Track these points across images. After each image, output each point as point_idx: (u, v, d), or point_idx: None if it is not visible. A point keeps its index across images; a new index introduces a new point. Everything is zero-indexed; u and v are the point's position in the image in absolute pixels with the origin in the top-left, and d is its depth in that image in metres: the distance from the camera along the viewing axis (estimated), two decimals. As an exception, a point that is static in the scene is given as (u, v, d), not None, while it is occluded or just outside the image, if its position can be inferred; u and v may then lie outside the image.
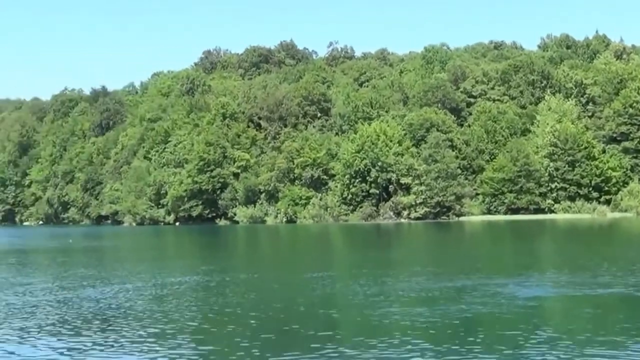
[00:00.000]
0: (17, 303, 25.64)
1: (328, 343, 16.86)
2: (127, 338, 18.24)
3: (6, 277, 36.76)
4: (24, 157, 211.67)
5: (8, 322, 21.33)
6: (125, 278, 34.00)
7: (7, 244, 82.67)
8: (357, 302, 23.87)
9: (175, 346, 17.11)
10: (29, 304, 25.38)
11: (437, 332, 18.01)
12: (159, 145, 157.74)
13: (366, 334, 18.18)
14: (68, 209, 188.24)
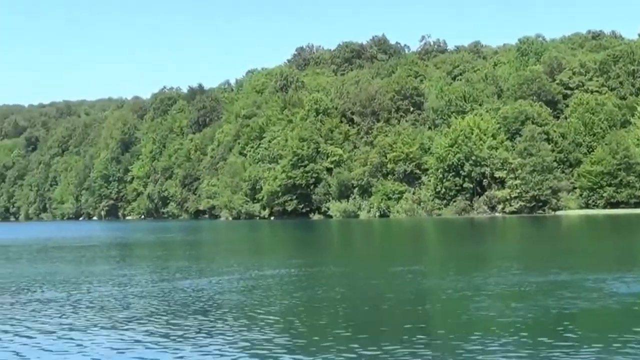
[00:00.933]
0: (117, 294, 26.38)
1: (419, 336, 16.72)
2: (219, 328, 18.50)
3: (108, 269, 37.97)
4: (126, 154, 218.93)
5: (106, 312, 21.97)
6: (221, 270, 34.60)
7: (110, 237, 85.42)
8: (449, 296, 23.63)
9: (266, 337, 17.22)
10: (128, 294, 26.12)
11: (530, 327, 17.54)
12: (253, 141, 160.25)
13: (458, 328, 17.99)
14: (167, 203, 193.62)
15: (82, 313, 21.95)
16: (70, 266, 40.70)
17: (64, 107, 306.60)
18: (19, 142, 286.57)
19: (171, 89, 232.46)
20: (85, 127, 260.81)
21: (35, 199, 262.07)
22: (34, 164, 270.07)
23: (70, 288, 28.70)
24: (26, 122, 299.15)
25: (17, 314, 22.07)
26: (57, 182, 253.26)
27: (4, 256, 52.70)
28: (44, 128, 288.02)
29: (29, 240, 79.34)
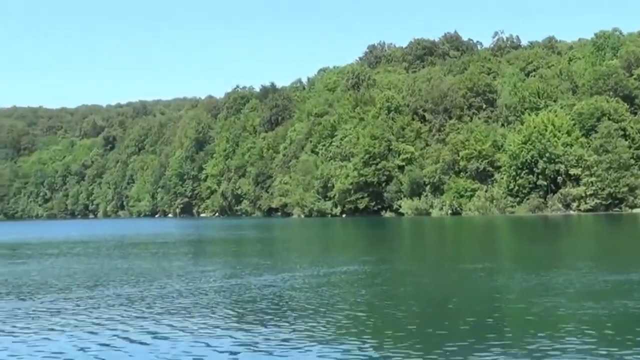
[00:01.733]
0: (189, 289, 26.78)
1: (490, 334, 16.54)
2: (287, 324, 18.61)
3: (181, 265, 38.72)
4: (200, 153, 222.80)
5: (178, 306, 22.24)
6: (291, 267, 34.92)
7: (184, 234, 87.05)
8: (521, 294, 23.34)
9: (334, 333, 17.26)
10: (200, 289, 26.48)
11: (605, 328, 17.03)
12: (325, 140, 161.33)
13: (530, 326, 17.68)
14: (241, 201, 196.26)
15: (155, 307, 22.36)
16: (145, 262, 41.78)
17: (140, 107, 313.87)
18: (97, 142, 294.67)
19: (244, 88, 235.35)
20: (160, 126, 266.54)
21: (112, 197, 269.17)
22: (111, 162, 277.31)
23: (144, 283, 29.44)
24: (104, 121, 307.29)
25: (91, 309, 22.58)
26: (134, 181, 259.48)
27: (83, 252, 54.14)
28: (121, 127, 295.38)
29: (107, 237, 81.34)
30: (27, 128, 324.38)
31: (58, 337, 17.93)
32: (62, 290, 28.02)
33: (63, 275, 34.28)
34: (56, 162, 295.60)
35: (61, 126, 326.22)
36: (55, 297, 25.59)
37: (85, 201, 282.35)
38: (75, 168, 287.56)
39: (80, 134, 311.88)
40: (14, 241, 78.12)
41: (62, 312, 21.96)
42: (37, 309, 22.73)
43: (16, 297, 26.21)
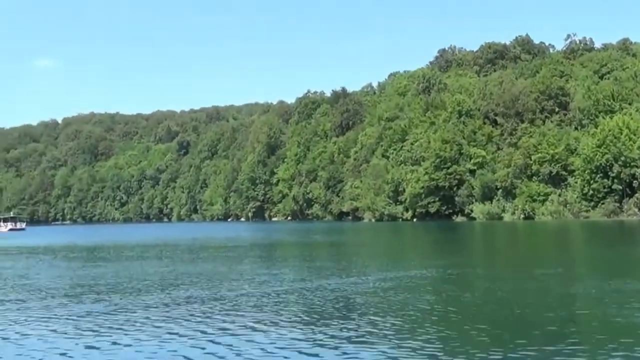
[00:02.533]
0: (258, 292, 26.90)
1: (561, 343, 16.03)
2: (357, 327, 18.48)
3: (252, 268, 38.89)
4: (272, 157, 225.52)
5: (248, 309, 22.32)
6: (361, 271, 34.74)
7: (256, 238, 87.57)
8: (595, 301, 22.67)
9: (403, 338, 17.02)
10: (268, 292, 26.55)
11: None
12: (396, 144, 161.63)
13: (609, 333, 17.14)
14: (312, 205, 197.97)
15: (223, 309, 22.55)
16: (216, 265, 42.21)
17: (214, 112, 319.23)
18: (171, 147, 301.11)
19: (315, 93, 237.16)
20: (233, 131, 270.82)
21: (186, 201, 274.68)
22: (185, 167, 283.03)
23: (215, 286, 29.65)
24: (178, 127, 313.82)
25: (161, 310, 22.91)
26: (207, 185, 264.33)
27: (157, 255, 55.19)
28: (194, 133, 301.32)
29: (180, 240, 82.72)
30: (105, 134, 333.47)
31: (128, 338, 18.23)
32: (135, 292, 28.61)
33: (137, 277, 35.04)
34: (132, 166, 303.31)
35: (137, 131, 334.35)
36: (128, 299, 26.15)
37: (159, 205, 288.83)
38: (150, 173, 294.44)
39: (155, 139, 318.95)
40: (92, 244, 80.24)
41: (133, 313, 22.32)
42: (110, 310, 23.17)
43: (92, 298, 26.86)
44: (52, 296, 27.79)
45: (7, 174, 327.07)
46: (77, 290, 30.04)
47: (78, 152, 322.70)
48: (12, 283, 33.83)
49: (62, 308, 24.10)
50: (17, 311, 23.71)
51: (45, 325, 20.49)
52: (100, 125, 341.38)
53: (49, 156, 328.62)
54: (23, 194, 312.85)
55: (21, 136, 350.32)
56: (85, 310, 23.44)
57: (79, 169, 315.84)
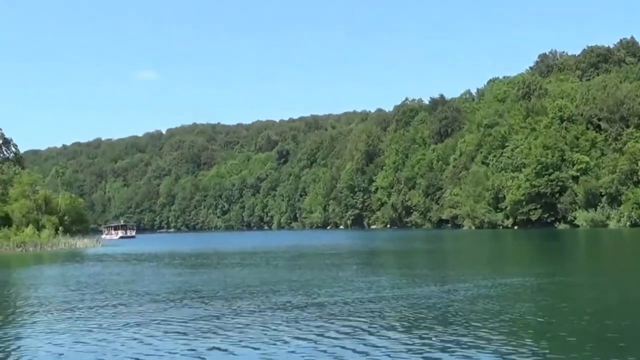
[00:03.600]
0: (355, 299, 27.08)
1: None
2: (456, 335, 18.46)
3: (350, 275, 39.12)
4: (370, 165, 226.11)
5: (344, 315, 22.48)
6: (460, 278, 34.47)
7: (354, 245, 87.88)
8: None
9: (498, 347, 16.89)
10: (365, 299, 26.64)
11: None
12: (496, 150, 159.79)
13: None
14: (411, 213, 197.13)
15: (320, 316, 22.80)
16: (315, 272, 42.84)
17: (312, 121, 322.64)
18: (271, 155, 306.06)
19: (413, 101, 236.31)
20: (331, 139, 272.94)
21: (286, 209, 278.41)
22: (285, 175, 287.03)
23: (311, 292, 30.06)
24: (278, 136, 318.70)
25: (258, 316, 23.39)
26: (306, 193, 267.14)
27: (257, 262, 56.32)
28: (294, 141, 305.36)
29: (280, 248, 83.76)
30: (207, 143, 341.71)
31: (227, 343, 18.64)
32: (236, 297, 29.19)
33: (238, 284, 35.78)
34: (233, 175, 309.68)
35: (237, 141, 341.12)
36: (229, 304, 26.70)
37: (260, 213, 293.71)
38: (251, 181, 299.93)
39: (256, 148, 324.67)
40: (195, 251, 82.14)
41: (233, 318, 22.82)
42: (211, 315, 23.76)
43: (194, 303, 27.61)
44: (155, 301, 28.84)
45: (115, 184, 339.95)
46: (180, 295, 30.94)
47: (182, 162, 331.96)
48: (119, 288, 35.22)
49: (164, 312, 24.97)
50: (121, 315, 24.70)
51: (146, 329, 21.28)
52: (202, 135, 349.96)
53: (154, 166, 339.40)
54: (130, 202, 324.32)
55: (128, 147, 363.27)
56: (187, 314, 24.16)
57: (183, 178, 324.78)
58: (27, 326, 22.91)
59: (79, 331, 21.28)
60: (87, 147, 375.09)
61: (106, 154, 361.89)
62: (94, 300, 29.81)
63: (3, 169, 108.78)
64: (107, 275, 44.69)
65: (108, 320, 23.42)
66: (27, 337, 20.77)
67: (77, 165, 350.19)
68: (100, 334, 20.59)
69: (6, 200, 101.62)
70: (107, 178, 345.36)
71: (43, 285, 39.34)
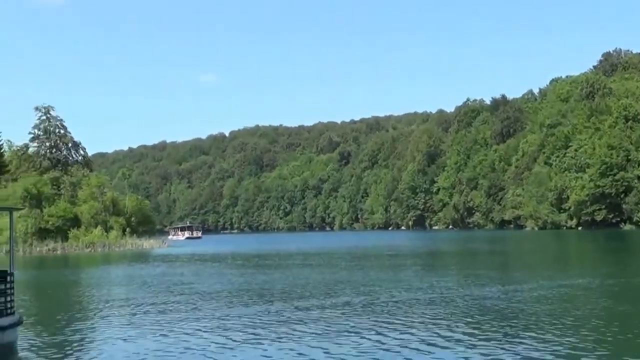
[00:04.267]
0: (415, 299, 27.17)
1: None
2: (516, 336, 18.35)
3: (410, 275, 39.08)
4: (432, 166, 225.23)
5: (401, 316, 22.53)
6: (524, 279, 34.18)
7: (416, 246, 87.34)
8: None
9: (557, 348, 16.72)
10: (426, 300, 26.73)
11: None
12: (559, 151, 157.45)
13: None
14: (473, 213, 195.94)
15: (382, 316, 22.90)
16: (376, 272, 43.01)
17: (373, 123, 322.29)
18: (333, 157, 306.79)
19: (474, 101, 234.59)
20: (393, 141, 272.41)
21: (348, 210, 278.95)
22: (346, 176, 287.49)
23: (373, 293, 30.13)
24: (339, 137, 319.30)
25: (319, 316, 23.58)
26: (368, 194, 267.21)
27: (319, 262, 56.51)
28: (355, 143, 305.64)
29: (341, 249, 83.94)
30: (269, 145, 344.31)
31: (291, 341, 18.83)
32: (297, 297, 29.44)
33: (299, 283, 36.09)
34: (295, 177, 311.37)
35: (299, 143, 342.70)
36: (290, 304, 27.03)
37: (322, 214, 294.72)
38: (313, 182, 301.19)
39: (317, 150, 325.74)
40: (258, 252, 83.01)
41: (294, 316, 23.07)
42: (270, 314, 24.08)
43: (253, 302, 28.01)
44: (217, 300, 29.39)
45: (180, 185, 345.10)
46: (241, 295, 31.43)
47: (244, 164, 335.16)
48: (182, 288, 35.90)
49: (226, 311, 25.40)
50: (184, 313, 25.23)
51: (208, 328, 21.67)
52: (264, 138, 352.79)
53: (218, 168, 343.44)
54: (194, 204, 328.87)
55: (192, 149, 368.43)
56: (248, 313, 24.57)
57: (246, 180, 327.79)
58: (97, 325, 23.64)
59: (144, 329, 21.85)
60: (152, 150, 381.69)
61: (171, 157, 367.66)
62: (158, 299, 30.51)
63: (72, 172, 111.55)
64: (171, 276, 45.58)
65: (171, 318, 23.98)
66: (96, 335, 21.45)
67: (142, 168, 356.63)
68: (164, 332, 21.10)
69: (75, 202, 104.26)
70: (172, 180, 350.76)
71: (111, 285, 40.51)
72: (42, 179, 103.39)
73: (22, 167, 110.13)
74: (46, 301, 33.39)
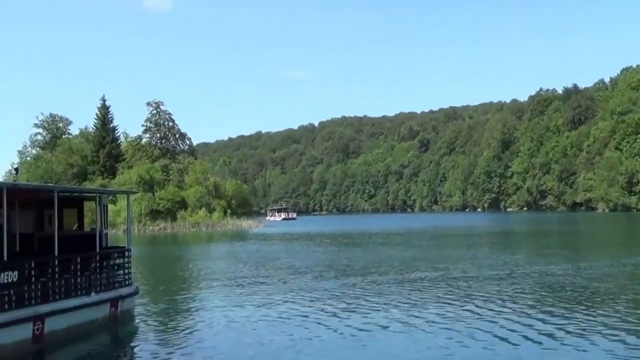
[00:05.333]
0: (490, 275, 26.99)
1: None
2: (588, 312, 18.10)
3: (484, 253, 38.87)
4: (506, 152, 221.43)
5: (480, 290, 22.49)
6: (589, 258, 33.80)
7: (491, 227, 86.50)
8: None
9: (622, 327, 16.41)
10: (499, 276, 26.53)
11: None
12: (630, 137, 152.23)
13: None
14: (545, 196, 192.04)
15: (459, 291, 22.92)
16: (452, 251, 42.93)
17: (451, 112, 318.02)
18: (413, 144, 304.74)
19: (547, 91, 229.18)
20: (469, 129, 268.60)
21: (427, 193, 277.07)
22: (426, 162, 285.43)
23: (449, 268, 30.12)
24: (419, 126, 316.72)
25: (399, 289, 23.73)
26: (446, 178, 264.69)
27: (400, 242, 56.51)
28: (433, 131, 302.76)
29: (421, 229, 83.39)
30: (355, 134, 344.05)
31: (375, 313, 19.05)
32: (379, 272, 29.69)
33: (381, 260, 36.29)
34: (379, 163, 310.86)
35: (382, 132, 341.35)
36: (371, 278, 27.26)
37: (403, 197, 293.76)
38: (395, 168, 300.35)
39: (399, 138, 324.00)
40: (345, 231, 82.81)
41: (375, 291, 23.31)
42: (353, 287, 24.38)
43: (338, 277, 28.40)
44: (304, 274, 29.88)
45: (274, 171, 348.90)
46: (327, 270, 31.84)
47: (332, 151, 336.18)
48: (274, 263, 36.69)
49: (312, 285, 25.81)
50: (275, 285, 25.84)
51: (296, 300, 22.08)
52: (350, 127, 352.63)
53: (308, 155, 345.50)
54: (287, 188, 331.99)
55: (285, 139, 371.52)
56: (333, 287, 24.95)
57: (333, 166, 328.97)
58: (201, 294, 24.58)
59: (241, 298, 22.58)
60: (249, 139, 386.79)
61: (266, 145, 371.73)
62: (253, 273, 31.39)
63: (179, 160, 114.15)
64: (265, 252, 46.58)
65: (263, 290, 24.76)
66: (200, 304, 22.27)
67: (241, 156, 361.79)
68: (257, 302, 21.72)
69: (182, 186, 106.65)
70: (267, 166, 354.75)
71: (213, 259, 41.67)
72: (154, 167, 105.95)
73: (136, 156, 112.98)
74: (158, 274, 34.71)
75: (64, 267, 16.11)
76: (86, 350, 15.05)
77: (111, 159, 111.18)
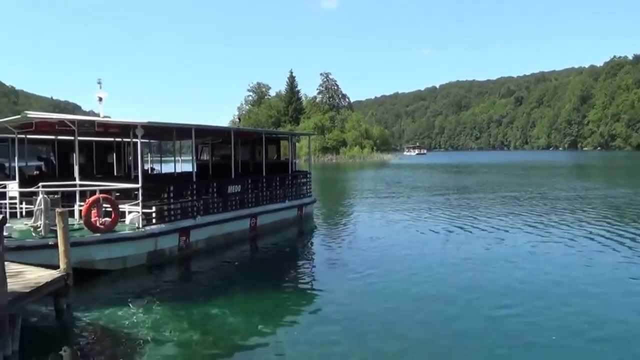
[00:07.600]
0: (562, 196, 25.34)
1: None
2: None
3: (562, 180, 36.53)
4: (584, 105, 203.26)
5: (553, 209, 21.09)
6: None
7: (569, 162, 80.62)
8: None
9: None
10: (571, 198, 24.86)
11: None
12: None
13: None
14: (615, 139, 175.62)
15: (542, 208, 21.52)
16: (535, 178, 40.45)
17: (540, 76, 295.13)
18: (510, 101, 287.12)
19: (619, 57, 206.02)
20: (554, 88, 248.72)
21: (520, 136, 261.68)
22: (520, 114, 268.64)
23: (526, 190, 28.42)
24: (515, 87, 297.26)
25: (495, 205, 22.60)
26: (535, 125, 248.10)
27: (495, 172, 53.76)
28: (526, 91, 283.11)
29: (513, 163, 79.54)
30: (465, 94, 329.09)
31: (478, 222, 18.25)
32: (481, 192, 28.45)
33: (484, 183, 34.96)
34: (483, 114, 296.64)
35: (487, 91, 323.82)
36: (476, 197, 26.31)
37: (501, 139, 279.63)
38: (496, 117, 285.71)
39: (499, 96, 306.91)
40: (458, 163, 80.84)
41: (482, 204, 22.41)
42: (464, 203, 23.42)
43: (452, 194, 27.36)
44: (422, 191, 29.38)
45: (407, 120, 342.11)
46: (443, 189, 30.89)
47: (449, 106, 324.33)
48: (405, 182, 36.20)
49: (432, 200, 25.21)
50: (405, 199, 25.53)
51: (421, 212, 21.64)
52: (462, 88, 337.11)
53: (431, 109, 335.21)
54: (416, 132, 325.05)
55: (415, 97, 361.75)
56: (448, 201, 24.21)
57: (450, 117, 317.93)
58: (353, 204, 24.82)
59: (380, 207, 22.64)
60: (389, 98, 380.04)
61: (401, 102, 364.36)
62: (389, 190, 31.34)
63: (342, 113, 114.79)
64: (398, 176, 46.17)
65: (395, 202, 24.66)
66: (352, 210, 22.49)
67: (383, 110, 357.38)
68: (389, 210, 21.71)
69: (343, 131, 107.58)
70: (402, 117, 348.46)
71: (363, 180, 41.98)
72: (324, 117, 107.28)
73: (312, 110, 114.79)
74: (328, 189, 35.37)
75: (268, 183, 16.94)
76: (284, 237, 15.81)
77: (296, 112, 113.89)
